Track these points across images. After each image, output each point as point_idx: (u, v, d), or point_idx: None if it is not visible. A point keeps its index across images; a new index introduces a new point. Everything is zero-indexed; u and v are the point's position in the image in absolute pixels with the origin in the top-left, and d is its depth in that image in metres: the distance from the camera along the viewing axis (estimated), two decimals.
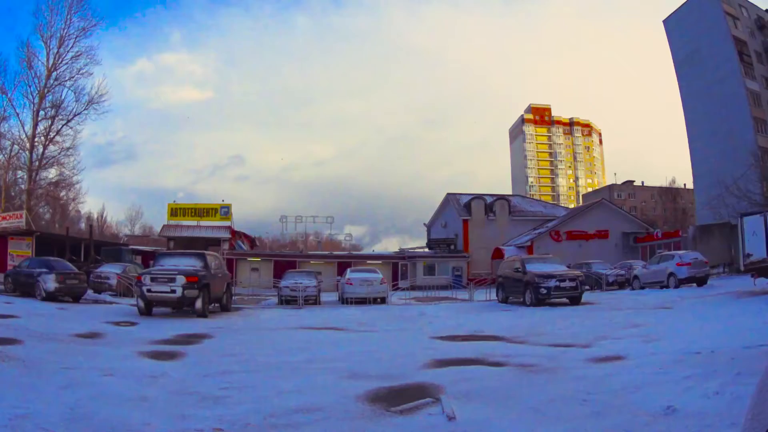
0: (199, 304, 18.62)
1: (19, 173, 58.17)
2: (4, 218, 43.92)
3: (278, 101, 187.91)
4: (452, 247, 54.70)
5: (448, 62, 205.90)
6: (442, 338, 13.31)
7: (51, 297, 22.62)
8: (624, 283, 32.36)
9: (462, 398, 6.77)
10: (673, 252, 31.73)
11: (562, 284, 21.50)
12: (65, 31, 54.82)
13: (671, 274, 27.60)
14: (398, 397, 6.98)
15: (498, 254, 48.31)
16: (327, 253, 60.10)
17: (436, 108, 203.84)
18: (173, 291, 18.54)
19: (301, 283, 28.35)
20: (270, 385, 8.20)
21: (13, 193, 59.60)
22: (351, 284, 28.35)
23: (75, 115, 55.51)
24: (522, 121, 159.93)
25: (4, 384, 7.64)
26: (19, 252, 39.51)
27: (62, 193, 62.52)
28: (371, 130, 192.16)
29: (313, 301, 28.32)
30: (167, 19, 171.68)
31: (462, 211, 55.86)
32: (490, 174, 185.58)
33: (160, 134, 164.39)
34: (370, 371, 8.94)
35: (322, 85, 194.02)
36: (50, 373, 8.71)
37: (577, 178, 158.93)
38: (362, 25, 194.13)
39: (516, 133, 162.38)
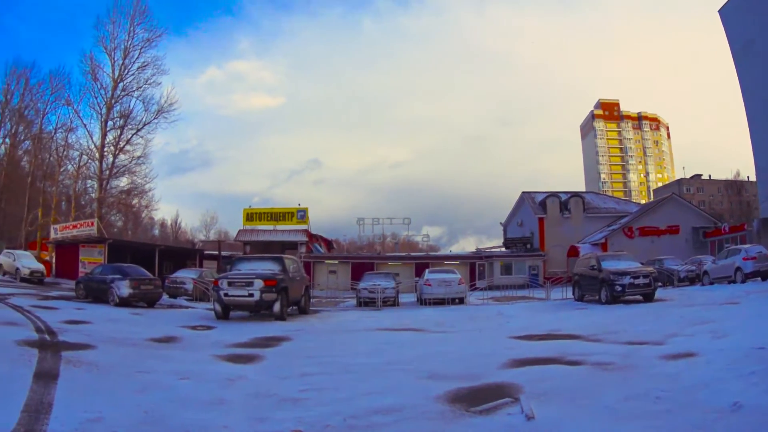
0: (277, 307, 18.82)
1: (89, 182, 60.48)
2: (75, 226, 45.57)
3: (352, 104, 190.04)
4: (528, 246, 54.30)
5: (516, 60, 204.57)
6: (519, 338, 13.38)
7: (125, 303, 23.13)
8: (694, 278, 31.61)
9: (540, 398, 6.83)
10: (739, 246, 31.13)
11: (636, 281, 21.45)
12: (129, 42, 57.11)
13: (738, 269, 26.99)
14: (477, 398, 7.07)
15: (573, 252, 47.75)
16: (404, 254, 60.17)
17: (508, 107, 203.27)
18: (251, 295, 18.83)
19: (379, 284, 28.59)
20: (349, 386, 8.24)
21: (83, 202, 61.87)
22: (429, 285, 28.36)
23: (144, 125, 57.71)
24: (592, 116, 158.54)
25: (76, 389, 7.76)
26: (91, 259, 40.84)
27: (134, 201, 64.62)
28: (446, 131, 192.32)
29: (391, 302, 28.49)
30: (234, 28, 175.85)
31: (537, 209, 55.27)
32: (564, 171, 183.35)
33: (234, 141, 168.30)
34: (449, 372, 9.01)
35: (394, 87, 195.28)
36: (124, 378, 8.85)
37: (647, 173, 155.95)
38: (429, 26, 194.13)
39: (587, 129, 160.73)
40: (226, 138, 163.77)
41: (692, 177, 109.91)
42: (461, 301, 28.14)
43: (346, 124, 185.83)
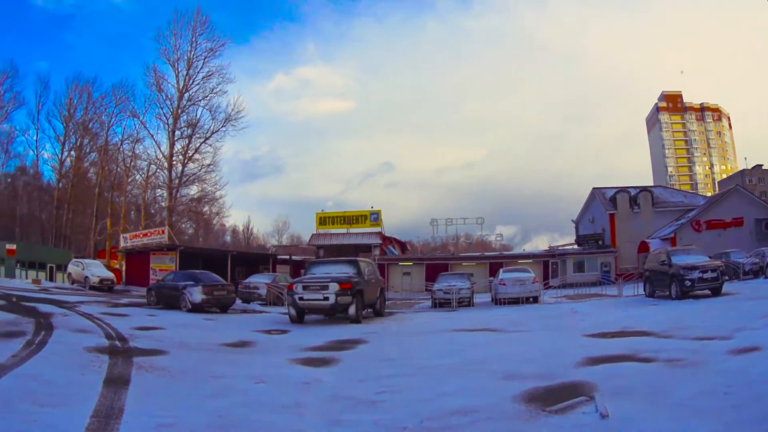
0: (352, 310, 18.81)
1: (158, 191, 62.12)
2: (145, 235, 46.84)
3: (421, 106, 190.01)
4: (600, 242, 53.53)
5: (579, 55, 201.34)
6: (593, 335, 13.39)
7: (197, 308, 23.47)
8: (758, 271, 30.73)
9: (614, 395, 6.90)
10: None
11: (705, 275, 21.47)
12: (192, 53, 59.04)
13: None
14: (553, 397, 7.14)
15: (644, 248, 46.92)
16: (478, 254, 59.92)
17: (575, 102, 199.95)
18: (326, 298, 18.89)
19: (454, 285, 28.51)
20: (426, 388, 8.25)
21: (152, 211, 63.68)
22: (504, 284, 28.28)
23: (212, 133, 59.47)
24: (657, 109, 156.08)
25: (148, 394, 7.84)
26: (162, 266, 41.91)
27: (205, 209, 66.09)
28: (516, 129, 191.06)
29: (466, 303, 28.34)
30: (298, 34, 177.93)
31: (608, 205, 54.37)
32: (634, 166, 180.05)
33: (305, 146, 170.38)
34: (524, 371, 9.03)
35: (461, 87, 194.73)
36: (197, 382, 8.96)
37: (711, 165, 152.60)
38: (491, 24, 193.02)
39: (652, 122, 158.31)
40: (298, 144, 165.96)
41: (754, 167, 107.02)
42: (535, 299, 28.06)
43: (416, 126, 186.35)
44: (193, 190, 61.39)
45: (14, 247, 45.98)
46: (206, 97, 58.96)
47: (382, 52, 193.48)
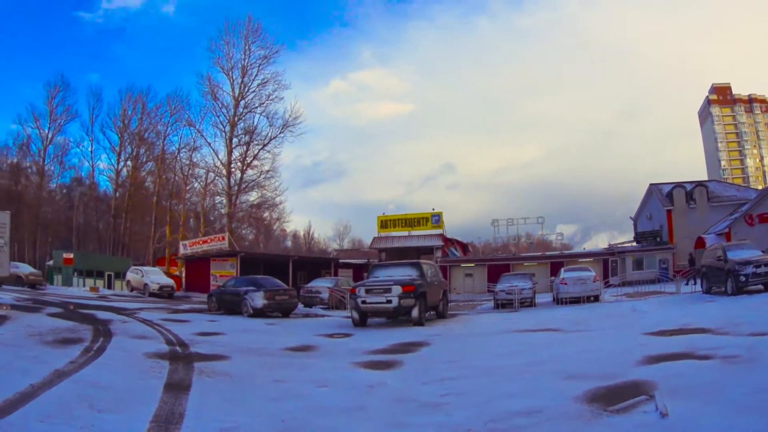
0: (415, 312, 18.80)
1: (217, 198, 63.12)
2: (205, 241, 47.49)
3: (478, 106, 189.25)
4: (658, 239, 52.77)
5: (630, 50, 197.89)
6: (652, 333, 13.35)
7: (259, 314, 23.74)
8: None
9: (673, 394, 6.89)
10: None
11: (758, 270, 21.40)
12: (246, 61, 59.97)
13: None
14: (614, 396, 7.17)
15: (700, 244, 46.08)
16: (539, 254, 59.55)
17: (629, 98, 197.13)
18: (389, 301, 18.96)
19: (516, 285, 28.73)
20: (489, 389, 8.25)
21: (212, 218, 64.57)
22: (565, 284, 28.35)
23: (270, 139, 60.34)
24: (708, 102, 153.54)
25: (209, 399, 7.93)
26: (223, 272, 42.49)
27: (265, 214, 66.94)
28: (572, 127, 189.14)
29: (528, 303, 28.50)
30: (352, 39, 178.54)
31: (665, 201, 53.45)
32: (688, 160, 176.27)
33: (365, 150, 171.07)
34: (586, 371, 9.07)
35: (517, 85, 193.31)
36: (259, 387, 9.06)
37: (762, 157, 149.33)
38: (543, 22, 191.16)
39: (704, 115, 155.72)
40: (358, 148, 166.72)
41: None
42: (596, 298, 28.09)
43: (474, 126, 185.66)
44: (253, 197, 62.46)
45: (71, 256, 47.42)
46: (262, 104, 60.02)
47: (437, 53, 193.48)
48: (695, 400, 6.60)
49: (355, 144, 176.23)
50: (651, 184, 57.76)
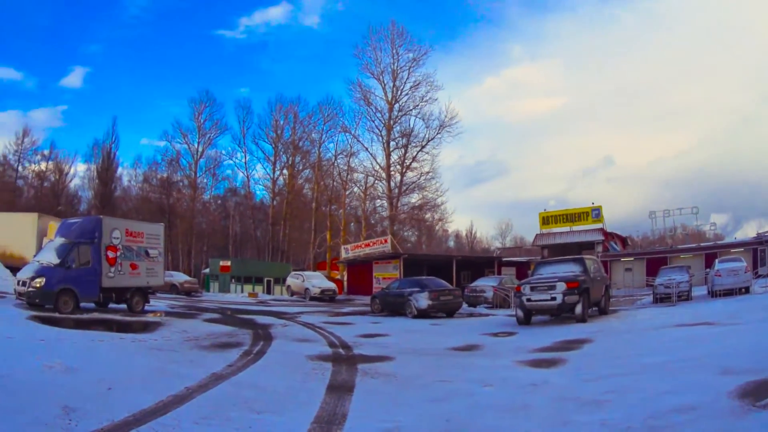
0: (579, 309, 18.55)
1: (378, 202, 64.00)
2: (367, 245, 48.34)
3: (628, 96, 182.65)
4: None
5: None
6: None
7: (423, 314, 23.97)
8: None
9: None
10: None
11: None
12: (395, 65, 60.76)
13: None
14: (764, 391, 7.04)
15: None
16: (694, 245, 57.27)
17: None
18: (553, 298, 18.83)
19: (674, 279, 28.00)
20: (648, 386, 8.15)
21: (372, 221, 65.21)
22: (719, 276, 27.02)
23: (428, 141, 60.76)
24: None
25: (373, 400, 8.15)
26: (385, 275, 43.25)
27: (427, 216, 67.15)
28: (720, 114, 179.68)
29: (685, 296, 27.47)
30: (499, 36, 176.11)
31: None
32: None
33: (524, 146, 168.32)
34: (740, 366, 8.75)
35: (663, 73, 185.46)
36: (423, 387, 9.19)
37: None
38: (684, 6, 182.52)
39: None
40: (516, 145, 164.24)
41: None
42: (746, 290, 26.88)
43: (626, 117, 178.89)
44: (414, 198, 63.04)
45: (228, 263, 49.50)
46: (417, 106, 60.47)
47: (581, 45, 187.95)
48: None
49: (514, 141, 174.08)
50: None
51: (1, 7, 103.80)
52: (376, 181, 62.07)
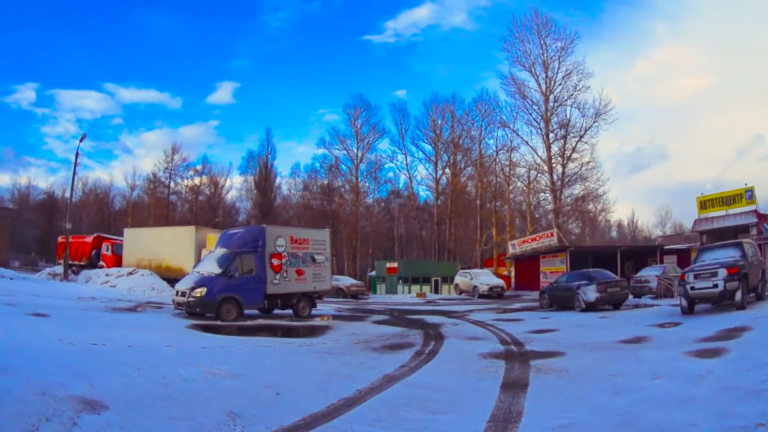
0: (738, 296, 17.83)
1: (541, 195, 63.14)
2: (533, 239, 48.17)
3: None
4: None
5: None
6: None
7: (590, 307, 23.78)
8: None
9: None
10: None
11: None
12: (545, 55, 59.30)
13: None
14: None
15: None
16: None
17: None
18: (715, 285, 18.17)
19: None
20: None
21: (537, 215, 64.51)
22: None
23: (586, 130, 58.71)
24: None
25: (546, 396, 8.38)
26: (552, 269, 42.84)
27: (589, 206, 65.59)
28: None
29: None
30: (640, 17, 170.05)
31: None
32: None
33: (679, 129, 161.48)
34: None
35: None
36: (595, 382, 9.34)
37: None
38: None
39: None
40: (672, 128, 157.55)
41: None
42: None
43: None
44: (577, 190, 61.42)
45: (395, 265, 50.50)
46: (571, 95, 58.67)
47: (721, 19, 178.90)
48: None
49: (669, 124, 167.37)
50: None
51: (145, 33, 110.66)
52: (539, 175, 60.95)
